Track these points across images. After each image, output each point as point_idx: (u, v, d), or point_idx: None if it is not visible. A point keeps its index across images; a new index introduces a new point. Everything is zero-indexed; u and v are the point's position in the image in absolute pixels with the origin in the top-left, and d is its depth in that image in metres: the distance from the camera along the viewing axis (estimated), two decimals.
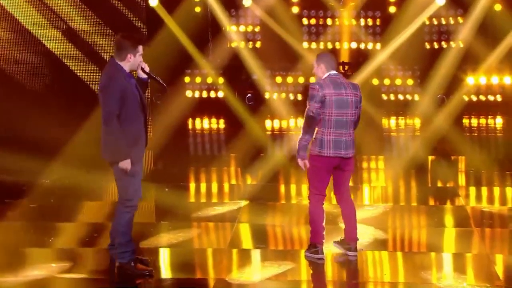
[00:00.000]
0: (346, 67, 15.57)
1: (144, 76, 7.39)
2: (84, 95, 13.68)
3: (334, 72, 7.66)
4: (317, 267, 7.66)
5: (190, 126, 15.23)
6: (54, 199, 10.26)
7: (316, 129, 7.61)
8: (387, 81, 15.88)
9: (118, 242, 7.32)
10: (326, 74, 7.64)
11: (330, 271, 7.67)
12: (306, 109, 7.61)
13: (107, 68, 7.30)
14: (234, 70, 15.71)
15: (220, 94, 15.84)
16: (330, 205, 8.78)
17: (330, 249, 7.94)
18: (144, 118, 7.32)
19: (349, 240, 7.75)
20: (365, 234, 8.35)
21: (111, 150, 7.14)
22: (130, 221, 7.32)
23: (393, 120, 15.49)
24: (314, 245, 7.70)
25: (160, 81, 7.43)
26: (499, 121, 15.46)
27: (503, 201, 10.34)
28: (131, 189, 7.26)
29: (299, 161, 7.58)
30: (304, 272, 7.64)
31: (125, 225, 7.30)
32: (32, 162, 11.59)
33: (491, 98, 15.81)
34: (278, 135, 14.42)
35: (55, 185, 10.96)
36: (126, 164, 7.13)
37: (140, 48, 7.27)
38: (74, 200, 10.14)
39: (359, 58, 15.78)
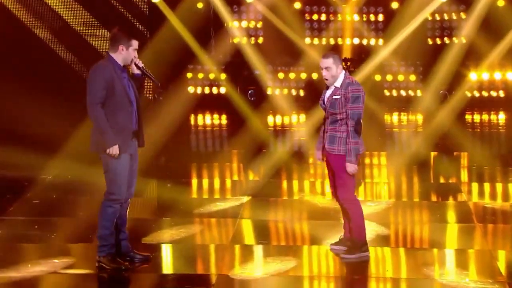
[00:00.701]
0: (349, 63, 15.57)
1: (137, 72, 7.39)
2: (85, 91, 13.65)
3: None
4: (319, 263, 7.67)
5: (192, 122, 15.23)
6: (57, 194, 10.28)
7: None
8: (389, 77, 15.88)
9: (98, 235, 7.34)
10: (343, 73, 7.60)
11: (332, 267, 7.68)
12: (353, 112, 7.44)
13: (101, 60, 7.35)
14: (236, 66, 15.71)
15: (222, 90, 15.84)
16: (333, 200, 8.77)
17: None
18: (136, 114, 7.30)
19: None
20: (368, 230, 8.33)
21: (97, 139, 7.17)
22: (112, 215, 7.30)
23: (395, 116, 15.48)
24: (365, 242, 7.69)
25: (153, 78, 7.42)
26: (501, 117, 15.45)
27: (506, 197, 10.34)
28: (115, 184, 7.25)
29: (352, 166, 7.46)
30: (307, 268, 7.65)
31: (106, 218, 7.30)
32: (33, 158, 11.61)
33: (493, 94, 15.81)
34: (280, 131, 14.41)
35: (57, 181, 10.98)
36: (113, 150, 7.14)
37: (134, 42, 7.28)
38: (77, 196, 10.15)
39: (362, 54, 15.77)
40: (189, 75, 15.80)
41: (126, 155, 7.28)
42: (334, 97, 7.52)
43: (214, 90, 15.91)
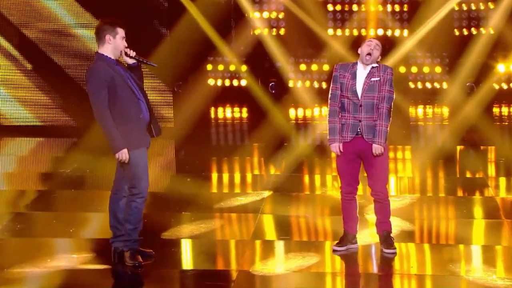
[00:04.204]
0: None
1: (131, 61, 7.37)
2: None
3: None
4: (341, 259, 7.67)
5: (212, 115, 15.26)
6: (75, 188, 10.35)
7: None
8: (414, 69, 15.81)
9: (125, 229, 7.39)
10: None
11: (355, 263, 7.68)
12: (390, 96, 7.51)
13: (93, 61, 7.31)
14: (258, 58, 15.71)
15: (243, 82, 15.85)
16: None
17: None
18: (145, 103, 7.31)
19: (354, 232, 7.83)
20: (392, 226, 8.33)
21: (109, 142, 7.20)
22: (136, 210, 7.35)
23: (420, 109, 15.43)
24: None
25: (148, 62, 7.39)
26: None
27: None
28: (137, 178, 7.29)
29: (380, 148, 7.51)
30: (329, 264, 7.66)
31: (130, 213, 7.34)
32: (53, 151, 11.69)
33: None
34: (302, 124, 14.41)
35: (76, 175, 11.05)
36: (122, 155, 7.17)
37: (120, 30, 7.23)
38: (95, 190, 10.21)
39: (386, 45, 15.69)
40: (209, 67, 15.81)
41: (144, 148, 7.33)
42: (373, 79, 7.50)
43: (235, 83, 15.91)
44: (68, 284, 7.18)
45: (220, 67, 15.84)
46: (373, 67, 7.53)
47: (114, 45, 7.24)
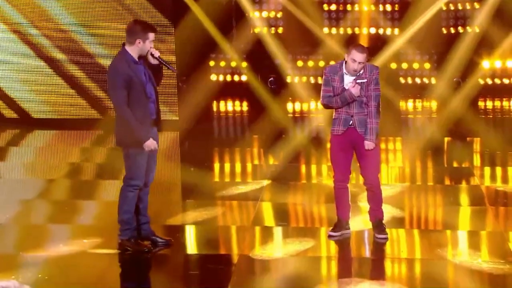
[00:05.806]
0: None
1: (154, 62, 7.35)
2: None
3: None
4: (336, 244, 7.66)
5: (214, 109, 15.23)
6: (85, 178, 10.33)
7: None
8: (404, 65, 15.78)
9: (120, 219, 7.36)
10: None
11: (349, 248, 7.67)
12: (377, 94, 7.51)
13: (116, 55, 7.29)
14: (257, 55, 15.68)
15: (244, 77, 15.82)
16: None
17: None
18: (154, 103, 7.28)
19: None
20: (384, 213, 8.32)
21: (120, 134, 7.17)
22: (132, 199, 7.33)
23: (410, 103, 15.41)
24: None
25: (169, 66, 7.38)
26: None
27: None
28: (135, 170, 7.26)
29: (372, 145, 7.51)
30: (324, 249, 7.65)
31: (127, 203, 7.32)
32: (67, 141, 11.67)
33: (506, 81, 15.67)
34: (299, 117, 14.39)
35: (88, 164, 11.03)
36: (150, 144, 7.15)
37: (151, 35, 7.20)
38: (104, 179, 10.19)
39: (378, 43, 15.67)
40: (211, 63, 15.78)
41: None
42: (359, 81, 7.50)
43: (236, 78, 15.89)
44: (77, 267, 7.17)
45: (222, 64, 15.81)
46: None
47: (142, 48, 7.21)
